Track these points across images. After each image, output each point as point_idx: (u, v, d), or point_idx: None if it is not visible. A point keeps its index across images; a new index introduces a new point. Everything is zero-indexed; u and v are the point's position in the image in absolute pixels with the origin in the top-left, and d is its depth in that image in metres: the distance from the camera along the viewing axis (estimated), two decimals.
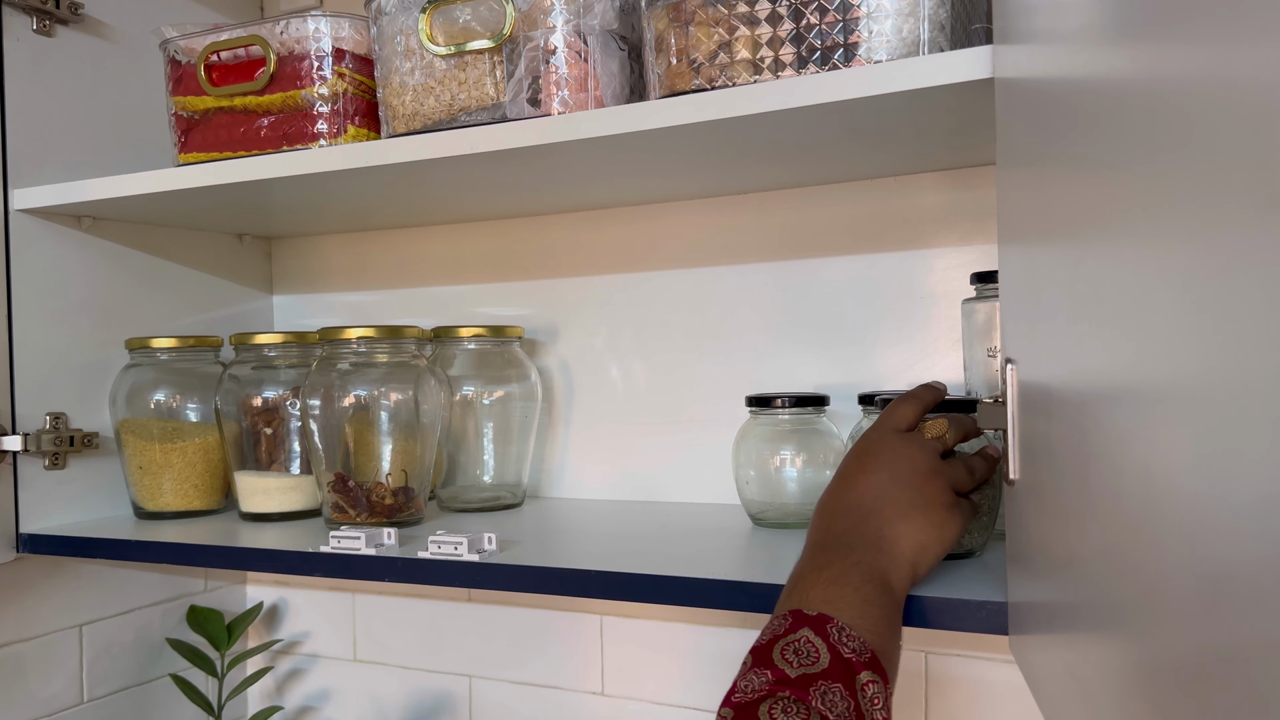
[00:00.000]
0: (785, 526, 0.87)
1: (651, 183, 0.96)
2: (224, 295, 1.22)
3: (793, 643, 0.55)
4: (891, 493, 0.63)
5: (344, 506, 0.94)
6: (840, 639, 0.54)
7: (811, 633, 0.55)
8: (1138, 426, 0.31)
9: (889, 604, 0.58)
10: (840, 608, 0.56)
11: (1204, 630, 0.26)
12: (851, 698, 0.53)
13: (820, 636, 0.54)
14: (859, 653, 0.54)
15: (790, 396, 0.87)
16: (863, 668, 0.54)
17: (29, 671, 1.03)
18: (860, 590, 0.57)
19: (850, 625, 0.55)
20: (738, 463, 0.89)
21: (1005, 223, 0.59)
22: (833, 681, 0.53)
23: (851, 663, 0.54)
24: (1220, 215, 0.23)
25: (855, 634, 0.55)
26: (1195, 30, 0.25)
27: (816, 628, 0.55)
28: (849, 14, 0.68)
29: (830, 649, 0.54)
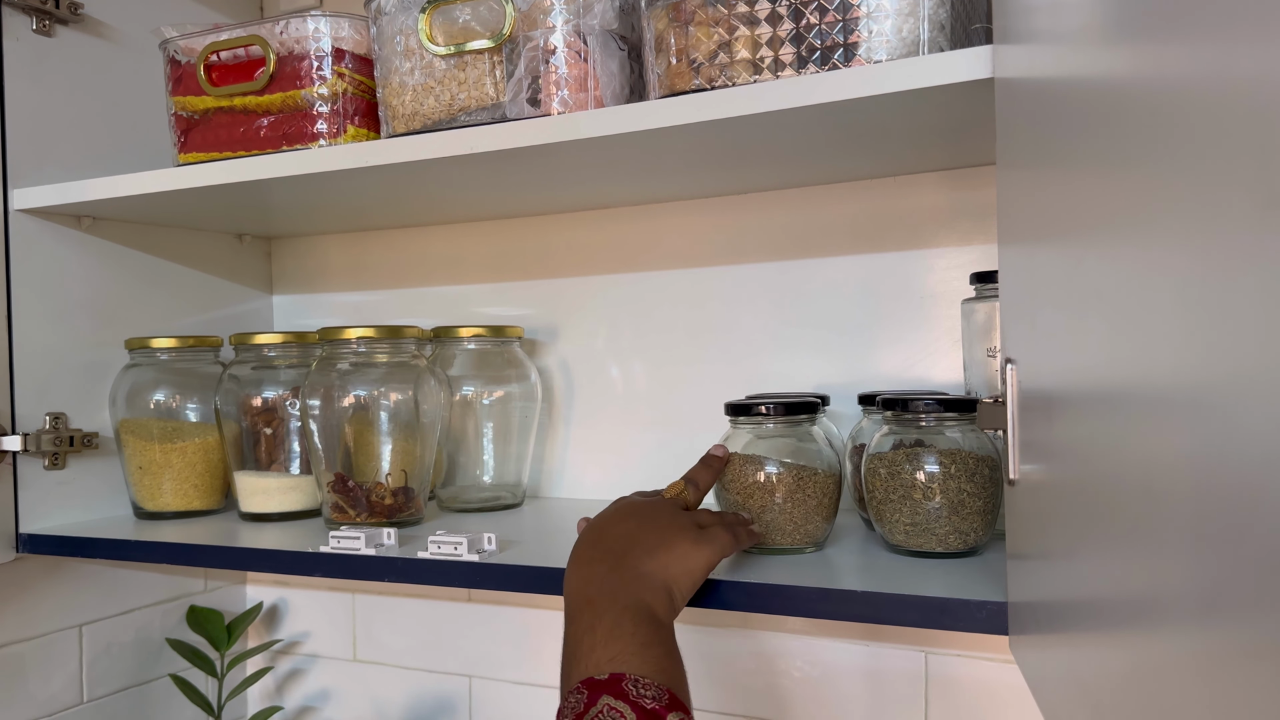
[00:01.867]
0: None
1: (651, 183, 0.96)
2: (224, 295, 1.22)
3: (598, 716, 0.55)
4: (638, 535, 0.67)
5: (344, 506, 0.94)
6: (639, 693, 0.55)
7: (611, 698, 0.55)
8: (1138, 426, 0.31)
9: (664, 636, 0.61)
10: (625, 660, 0.57)
11: (1204, 630, 0.26)
12: None
13: (620, 699, 0.55)
14: (658, 699, 0.55)
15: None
16: (666, 711, 0.55)
17: (29, 671, 1.03)
18: (637, 635, 0.59)
19: (640, 674, 0.56)
20: None
21: (1005, 223, 0.59)
22: None
23: (656, 712, 0.55)
24: (1220, 215, 0.23)
25: (649, 681, 0.56)
26: (1195, 30, 0.25)
27: (613, 691, 0.55)
28: (849, 14, 0.68)
29: (634, 707, 0.55)
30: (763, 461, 0.77)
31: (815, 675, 0.99)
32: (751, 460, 0.77)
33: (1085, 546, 0.39)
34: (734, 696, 1.03)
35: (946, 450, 0.73)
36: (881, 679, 0.97)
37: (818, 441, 0.79)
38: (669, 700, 0.56)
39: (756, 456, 0.78)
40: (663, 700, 0.55)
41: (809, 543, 0.78)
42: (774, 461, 0.77)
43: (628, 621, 0.60)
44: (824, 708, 0.99)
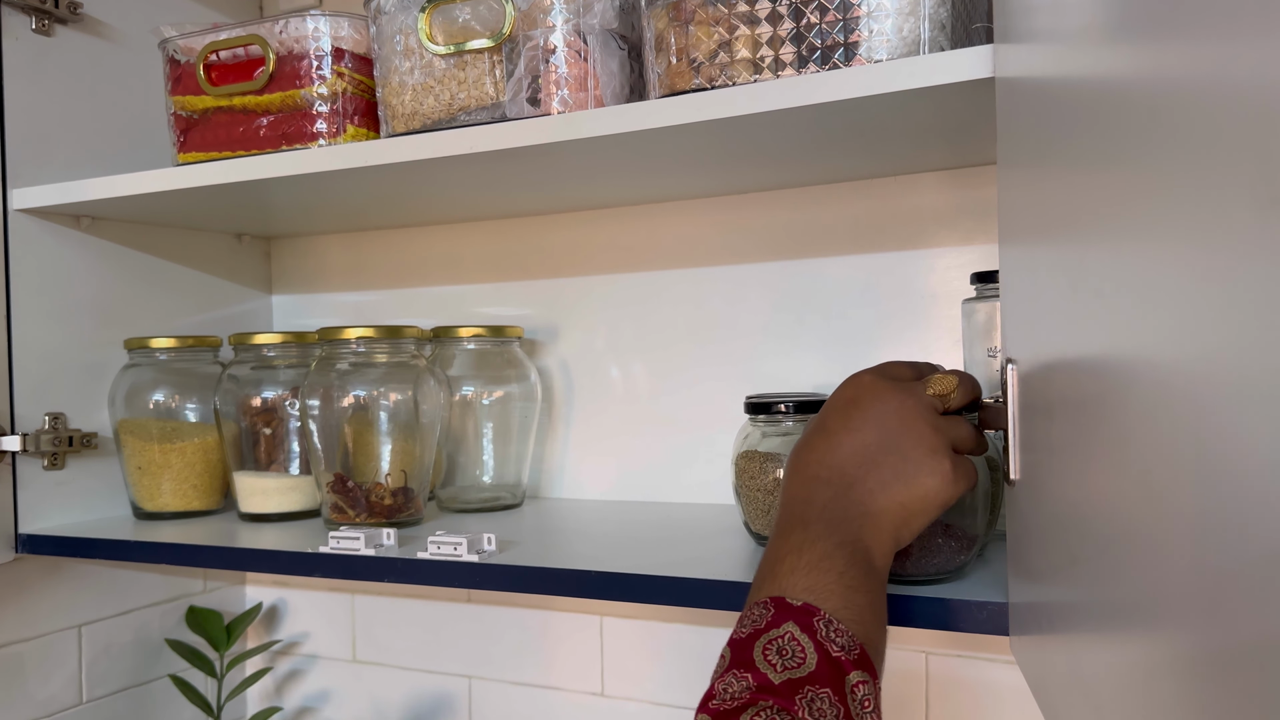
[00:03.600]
0: None
1: (651, 183, 0.96)
2: (223, 295, 1.22)
3: (776, 640, 0.50)
4: (878, 456, 0.57)
5: (343, 507, 0.93)
6: (828, 634, 0.50)
7: (796, 628, 0.50)
8: (1138, 426, 0.31)
9: (874, 587, 0.54)
10: (825, 596, 0.52)
11: (1204, 630, 0.26)
12: (841, 703, 0.49)
13: (806, 633, 0.50)
14: (848, 649, 0.50)
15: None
16: (852, 667, 0.50)
17: (28, 672, 1.03)
18: (845, 576, 0.53)
19: (837, 617, 0.51)
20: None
21: (1006, 222, 0.59)
22: (820, 686, 0.49)
23: (840, 662, 0.50)
24: (1221, 214, 0.23)
25: (843, 627, 0.51)
26: (1195, 30, 0.25)
27: (802, 622, 0.50)
28: (849, 13, 0.68)
29: (817, 647, 0.50)
30: (783, 458, 0.78)
31: None
32: (771, 458, 0.78)
33: (1085, 546, 0.39)
34: None
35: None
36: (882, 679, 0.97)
37: None
38: (859, 655, 0.51)
39: (776, 454, 0.78)
40: (852, 653, 0.50)
41: None
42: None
43: (840, 558, 0.53)
44: None
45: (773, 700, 0.48)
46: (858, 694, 0.50)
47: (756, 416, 0.81)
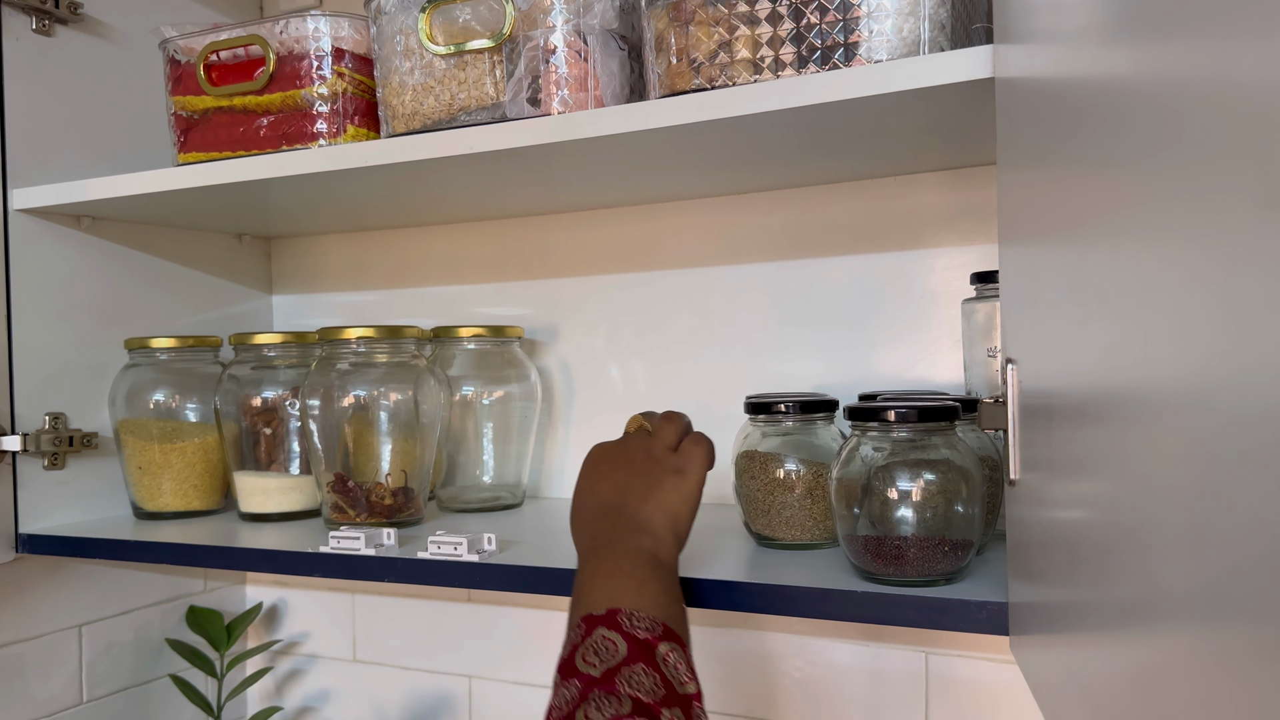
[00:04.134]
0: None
1: (651, 183, 0.96)
2: (223, 295, 1.22)
3: (591, 645, 0.57)
4: (628, 482, 0.69)
5: (343, 507, 0.94)
6: (632, 625, 0.57)
7: (605, 629, 0.57)
8: (1139, 426, 0.31)
9: (663, 576, 0.63)
10: (621, 597, 0.59)
11: (1204, 630, 0.26)
12: (656, 671, 0.55)
13: (614, 630, 0.57)
14: (651, 629, 0.57)
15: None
16: (658, 641, 0.57)
17: (28, 672, 1.03)
18: (634, 574, 0.61)
19: (636, 609, 0.58)
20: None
21: (1006, 222, 0.59)
22: (634, 663, 0.55)
23: (648, 641, 0.57)
24: (1221, 214, 0.23)
25: (643, 614, 0.58)
26: (1195, 30, 0.25)
27: (608, 623, 0.57)
28: (849, 13, 0.68)
29: (625, 636, 0.57)
30: (783, 458, 0.78)
31: (815, 675, 0.99)
32: (772, 457, 0.78)
33: (1085, 547, 0.39)
34: (734, 696, 1.03)
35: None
36: (881, 679, 0.97)
37: (833, 441, 0.80)
38: (663, 631, 0.57)
39: (776, 454, 0.78)
40: (655, 631, 0.57)
41: (828, 538, 0.78)
42: (794, 459, 0.77)
43: (626, 563, 0.62)
44: (824, 708, 0.99)
45: (598, 689, 0.54)
46: (669, 660, 0.57)
47: (757, 416, 0.81)
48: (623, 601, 0.59)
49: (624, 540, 0.65)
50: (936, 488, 0.67)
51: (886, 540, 0.67)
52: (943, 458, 0.67)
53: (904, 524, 0.67)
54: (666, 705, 0.54)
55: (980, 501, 0.68)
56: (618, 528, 0.66)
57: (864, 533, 0.68)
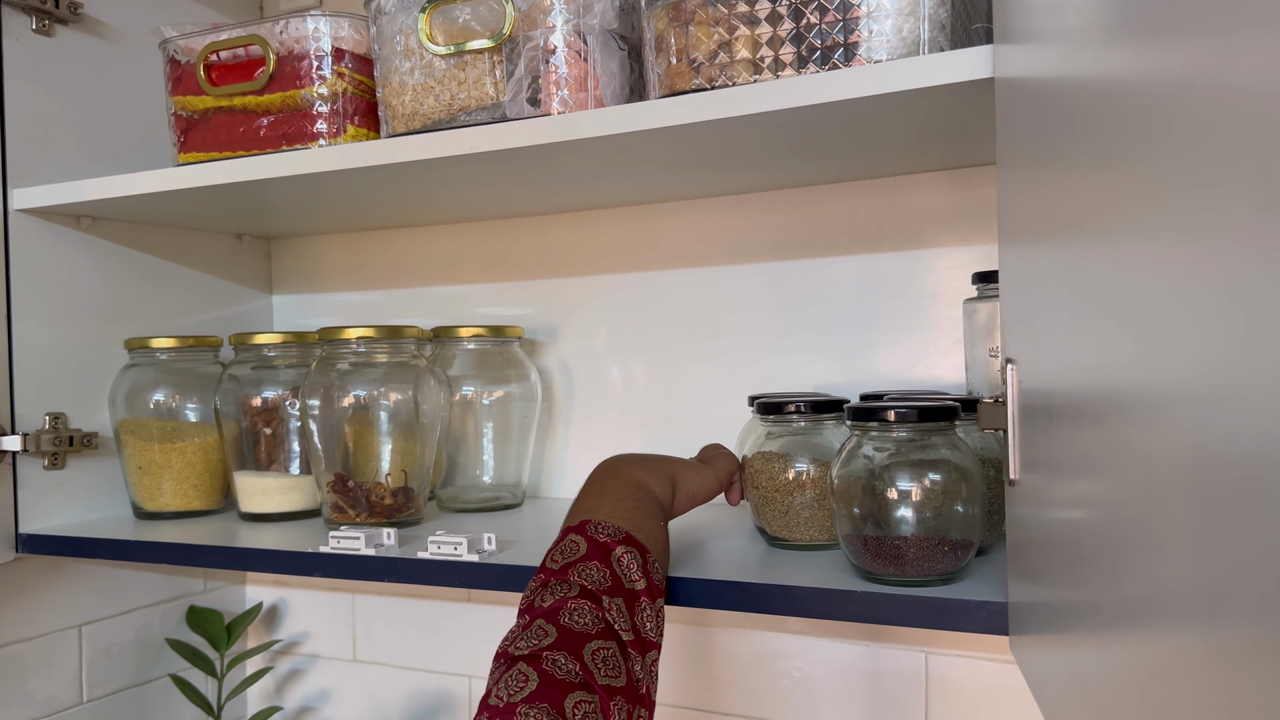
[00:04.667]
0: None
1: (651, 183, 0.96)
2: (223, 295, 1.22)
3: (560, 547, 0.66)
4: (651, 458, 0.77)
5: (344, 507, 0.94)
6: (596, 531, 0.65)
7: (574, 534, 0.66)
8: (1138, 426, 0.31)
9: (644, 498, 0.70)
10: (602, 512, 0.67)
11: (1204, 630, 0.26)
12: (607, 568, 0.63)
13: (580, 534, 0.66)
14: (614, 535, 0.65)
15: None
16: (616, 544, 0.64)
17: (28, 671, 1.03)
18: (616, 493, 0.70)
19: (605, 520, 0.66)
20: None
21: (1006, 222, 0.59)
22: (590, 560, 0.63)
23: (606, 544, 0.64)
24: (1220, 214, 0.23)
25: (609, 523, 0.66)
26: (1195, 30, 0.25)
27: (578, 530, 0.66)
28: (849, 13, 0.68)
29: (588, 540, 0.65)
30: (792, 459, 0.78)
31: (815, 675, 0.99)
32: (781, 458, 0.78)
33: (1085, 546, 0.39)
34: (734, 696, 1.03)
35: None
36: (881, 679, 0.97)
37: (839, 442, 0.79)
38: (624, 537, 0.65)
39: (787, 454, 0.78)
40: (618, 537, 0.65)
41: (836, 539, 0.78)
42: (805, 459, 0.77)
43: (613, 484, 0.71)
44: (824, 708, 0.99)
45: (554, 579, 0.63)
46: (623, 561, 0.64)
47: (767, 417, 0.81)
48: (595, 514, 0.67)
49: (625, 473, 0.73)
50: (938, 488, 0.66)
51: (886, 540, 0.67)
52: (943, 458, 0.67)
53: (904, 524, 0.66)
54: (609, 594, 0.62)
55: (981, 501, 0.68)
56: (625, 466, 0.74)
57: (864, 533, 0.68)
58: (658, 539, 0.68)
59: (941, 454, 0.67)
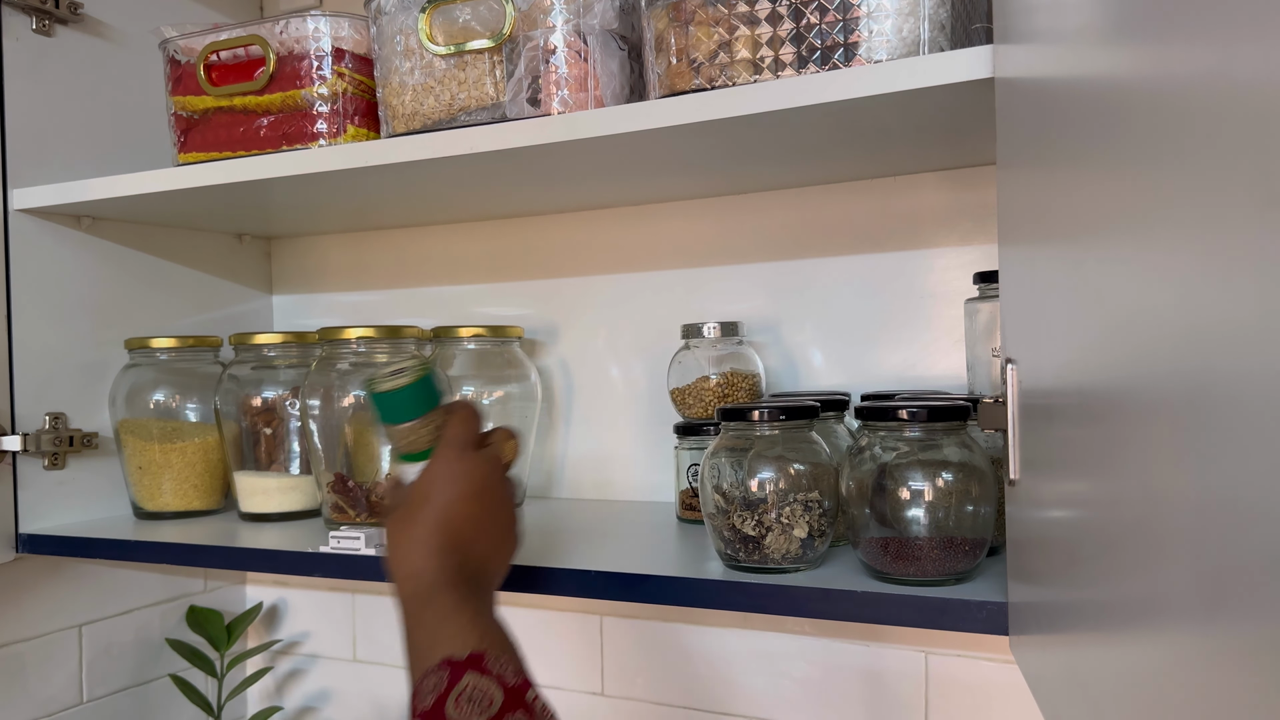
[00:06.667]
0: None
1: (651, 183, 0.96)
2: (224, 295, 1.22)
3: (463, 692, 0.55)
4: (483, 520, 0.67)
5: (344, 506, 0.94)
6: (502, 670, 0.57)
7: (476, 676, 0.56)
8: (1138, 426, 0.31)
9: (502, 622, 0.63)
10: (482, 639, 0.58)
11: (1204, 630, 0.26)
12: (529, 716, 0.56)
13: (485, 676, 0.56)
14: (518, 673, 0.58)
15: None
16: (527, 686, 0.57)
17: (29, 671, 1.03)
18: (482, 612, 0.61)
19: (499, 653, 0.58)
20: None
21: (1006, 223, 0.59)
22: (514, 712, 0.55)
23: (517, 687, 0.57)
24: (1220, 215, 0.23)
25: (506, 659, 0.58)
26: (1195, 30, 0.25)
27: (476, 668, 0.57)
28: (849, 13, 0.68)
29: (499, 684, 0.56)
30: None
31: (815, 675, 0.99)
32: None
33: (1085, 546, 0.39)
34: (734, 696, 1.03)
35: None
36: (881, 679, 0.97)
37: (817, 443, 0.76)
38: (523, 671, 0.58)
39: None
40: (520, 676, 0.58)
41: (837, 537, 0.78)
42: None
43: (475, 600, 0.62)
44: (824, 708, 0.99)
45: None
46: (536, 705, 0.57)
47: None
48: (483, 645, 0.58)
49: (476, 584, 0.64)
50: (951, 487, 0.67)
51: (906, 541, 0.67)
52: (958, 458, 0.67)
53: (917, 524, 0.67)
54: None
55: (994, 501, 0.68)
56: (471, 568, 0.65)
57: (878, 534, 0.68)
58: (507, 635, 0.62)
59: (956, 453, 0.67)
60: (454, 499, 0.66)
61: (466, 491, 0.67)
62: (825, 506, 0.71)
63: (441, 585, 0.62)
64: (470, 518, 0.66)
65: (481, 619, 0.60)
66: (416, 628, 0.61)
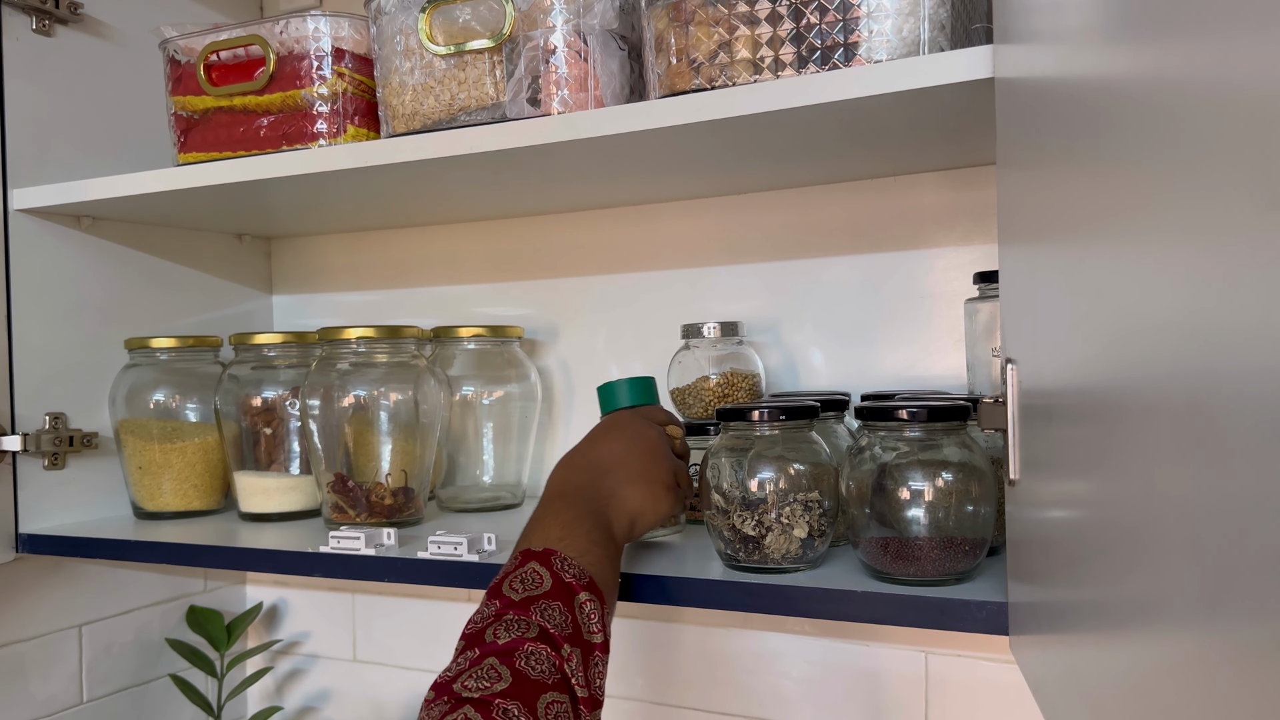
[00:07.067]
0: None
1: (651, 183, 0.96)
2: (224, 295, 1.22)
3: (520, 574, 0.61)
4: (626, 460, 0.72)
5: (344, 507, 0.94)
6: (562, 567, 0.61)
7: (537, 564, 0.62)
8: (1138, 426, 0.31)
9: (611, 548, 0.66)
10: (568, 544, 0.63)
11: (1204, 630, 0.26)
12: (570, 613, 0.59)
13: (545, 566, 0.61)
14: (579, 578, 0.61)
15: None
16: (581, 589, 0.61)
17: (29, 671, 1.03)
18: (590, 534, 0.65)
19: (573, 558, 0.62)
20: None
21: (1005, 223, 0.59)
22: (553, 600, 0.59)
23: (571, 585, 0.61)
24: (1220, 215, 0.23)
25: (575, 562, 0.62)
26: (1195, 30, 0.25)
27: (542, 560, 0.62)
28: (849, 13, 0.68)
29: (553, 575, 0.61)
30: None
31: (815, 675, 0.99)
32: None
33: (1085, 546, 0.39)
34: (734, 696, 1.03)
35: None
36: (881, 679, 0.97)
37: (817, 443, 0.76)
38: (588, 583, 0.61)
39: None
40: (582, 580, 0.61)
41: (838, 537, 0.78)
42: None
43: (587, 522, 0.66)
44: (824, 708, 0.99)
45: (513, 613, 0.59)
46: (585, 609, 0.60)
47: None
48: (566, 548, 0.63)
49: (595, 501, 0.68)
50: (951, 487, 0.67)
51: (906, 541, 0.67)
52: (958, 458, 0.67)
53: (917, 524, 0.67)
54: (570, 642, 0.58)
55: (994, 501, 0.68)
56: (594, 488, 0.70)
57: (878, 534, 0.68)
58: (614, 590, 0.65)
59: (956, 453, 0.67)
60: (609, 440, 0.73)
61: (623, 438, 0.73)
62: (825, 506, 0.71)
63: (561, 496, 0.69)
64: (615, 455, 0.72)
65: (573, 531, 0.64)
66: (530, 524, 0.67)
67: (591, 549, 0.64)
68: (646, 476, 0.71)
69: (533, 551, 0.63)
